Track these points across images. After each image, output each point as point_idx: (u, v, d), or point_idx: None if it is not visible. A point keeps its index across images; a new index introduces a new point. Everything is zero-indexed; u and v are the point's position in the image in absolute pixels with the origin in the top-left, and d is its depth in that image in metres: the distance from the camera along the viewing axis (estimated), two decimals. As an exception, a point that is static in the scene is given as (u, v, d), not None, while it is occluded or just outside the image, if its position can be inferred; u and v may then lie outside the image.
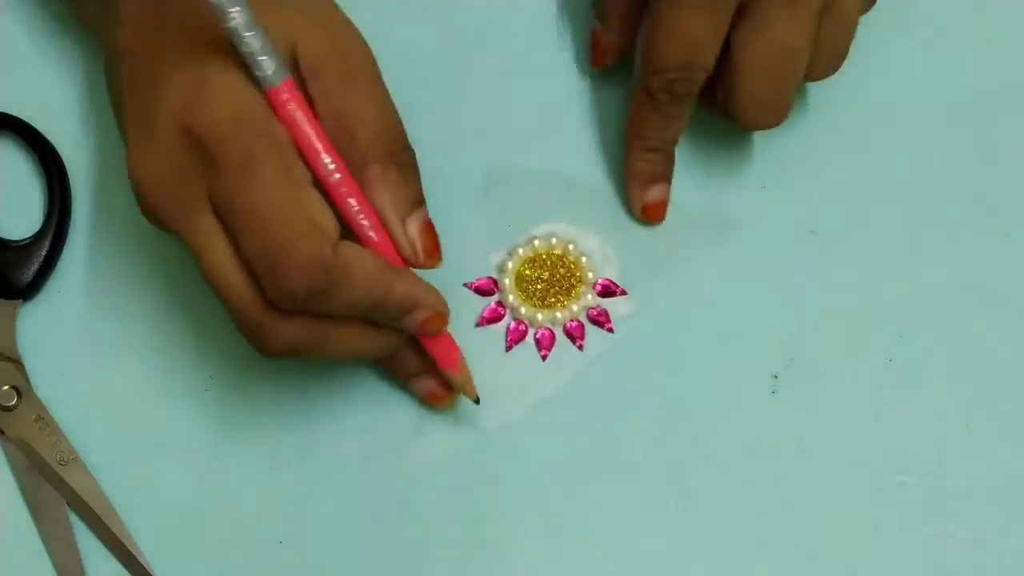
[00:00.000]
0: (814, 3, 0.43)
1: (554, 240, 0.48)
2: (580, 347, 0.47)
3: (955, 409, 0.47)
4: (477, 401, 0.44)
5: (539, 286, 0.47)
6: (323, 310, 0.38)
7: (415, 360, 0.44)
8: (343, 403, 0.46)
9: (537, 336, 0.47)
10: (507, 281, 0.47)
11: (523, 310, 0.47)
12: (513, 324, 0.47)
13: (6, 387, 0.45)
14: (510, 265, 0.47)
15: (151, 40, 0.39)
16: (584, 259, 0.48)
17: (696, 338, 0.47)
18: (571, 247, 0.48)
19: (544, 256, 0.48)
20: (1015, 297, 0.48)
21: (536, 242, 0.48)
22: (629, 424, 0.46)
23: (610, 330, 0.47)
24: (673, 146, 0.47)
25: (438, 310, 0.41)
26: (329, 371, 0.46)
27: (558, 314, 0.47)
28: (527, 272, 0.47)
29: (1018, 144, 0.50)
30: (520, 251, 0.48)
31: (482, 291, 0.48)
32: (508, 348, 0.47)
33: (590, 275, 0.48)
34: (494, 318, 0.47)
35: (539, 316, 0.47)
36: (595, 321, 0.47)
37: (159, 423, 0.46)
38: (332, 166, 0.38)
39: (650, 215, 0.48)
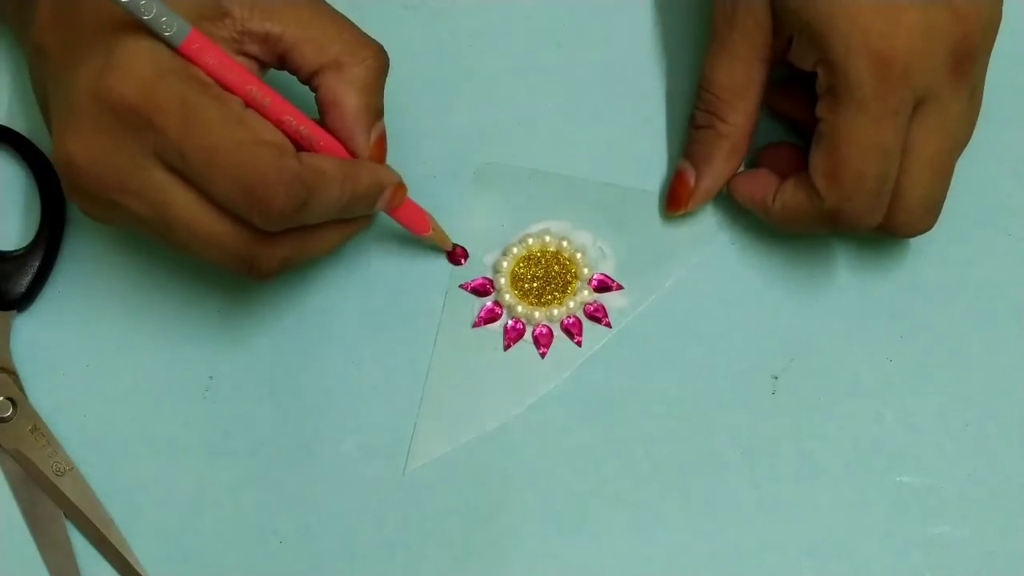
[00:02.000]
0: (969, 89, 0.41)
1: (548, 238, 0.48)
2: (578, 343, 0.47)
3: (955, 409, 0.47)
4: (453, 248, 0.47)
5: (535, 284, 0.47)
6: (308, 219, 0.39)
7: None
8: (343, 403, 0.46)
9: (535, 334, 0.47)
10: (503, 280, 0.47)
11: (520, 308, 0.47)
12: (511, 323, 0.47)
13: (1, 398, 0.45)
14: (505, 264, 0.47)
15: (65, 34, 0.39)
16: (579, 255, 0.48)
17: (696, 338, 0.47)
18: (565, 244, 0.48)
19: (539, 254, 0.48)
20: (1015, 297, 0.48)
21: (530, 240, 0.48)
22: (629, 424, 0.46)
23: (608, 325, 0.47)
24: None
25: (398, 183, 0.43)
26: (329, 371, 0.46)
27: (555, 311, 0.47)
28: (522, 271, 0.47)
29: (1019, 143, 0.50)
30: (514, 250, 0.48)
31: (478, 291, 0.47)
32: (507, 347, 0.47)
33: (585, 271, 0.48)
34: (491, 318, 0.47)
35: (536, 314, 0.47)
36: (592, 317, 0.47)
37: (157, 428, 0.46)
38: (260, 93, 0.39)
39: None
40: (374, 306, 0.47)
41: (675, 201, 0.47)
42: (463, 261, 0.48)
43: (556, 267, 0.47)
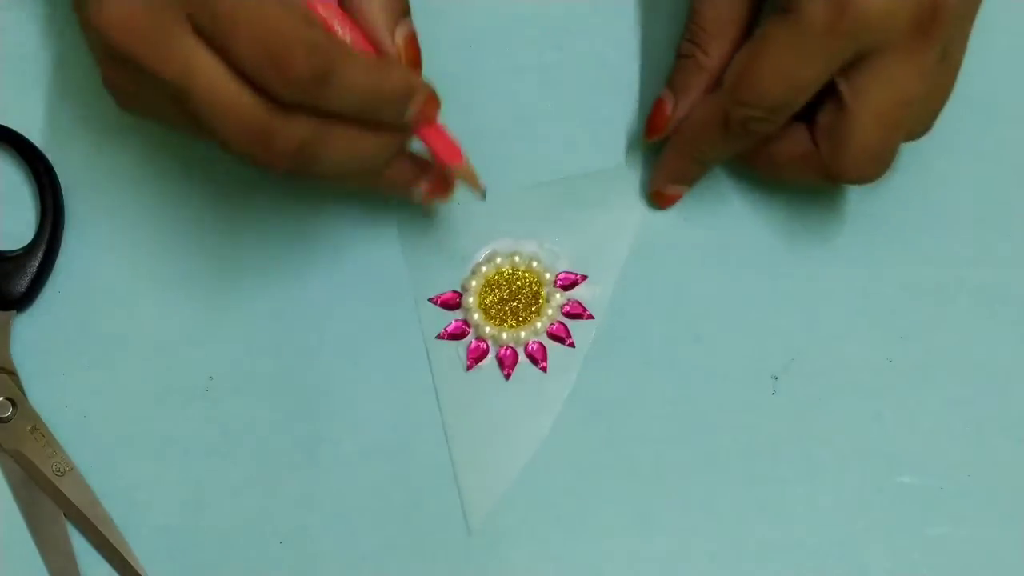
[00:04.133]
0: (936, 51, 0.41)
1: (498, 259, 0.47)
2: (543, 368, 0.47)
3: (955, 409, 0.47)
4: (484, 195, 0.44)
5: (506, 308, 0.47)
6: (328, 98, 0.38)
7: (410, 168, 0.44)
8: (343, 402, 0.46)
9: (499, 355, 0.47)
10: (471, 299, 0.47)
11: (487, 329, 0.47)
12: (474, 343, 0.47)
13: (1, 398, 0.45)
14: (473, 283, 0.47)
15: None
16: (535, 264, 0.47)
17: (696, 338, 0.47)
18: (517, 259, 0.47)
19: (496, 278, 0.47)
20: (1015, 297, 0.48)
21: (483, 268, 0.47)
22: (629, 424, 0.46)
23: (571, 345, 0.47)
24: (717, 164, 0.47)
25: (432, 93, 0.41)
26: (329, 371, 0.46)
27: (522, 333, 0.47)
28: (489, 299, 0.47)
29: (1019, 142, 0.50)
30: (483, 269, 0.47)
31: (448, 305, 0.47)
32: (468, 367, 0.47)
33: (548, 276, 0.47)
34: (459, 334, 0.47)
35: (503, 335, 0.47)
36: (555, 337, 0.47)
37: (157, 428, 0.46)
38: None
39: (660, 202, 0.48)
40: (374, 306, 0.47)
41: (653, 127, 0.47)
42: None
43: (518, 282, 0.47)
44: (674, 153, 0.47)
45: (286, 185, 0.48)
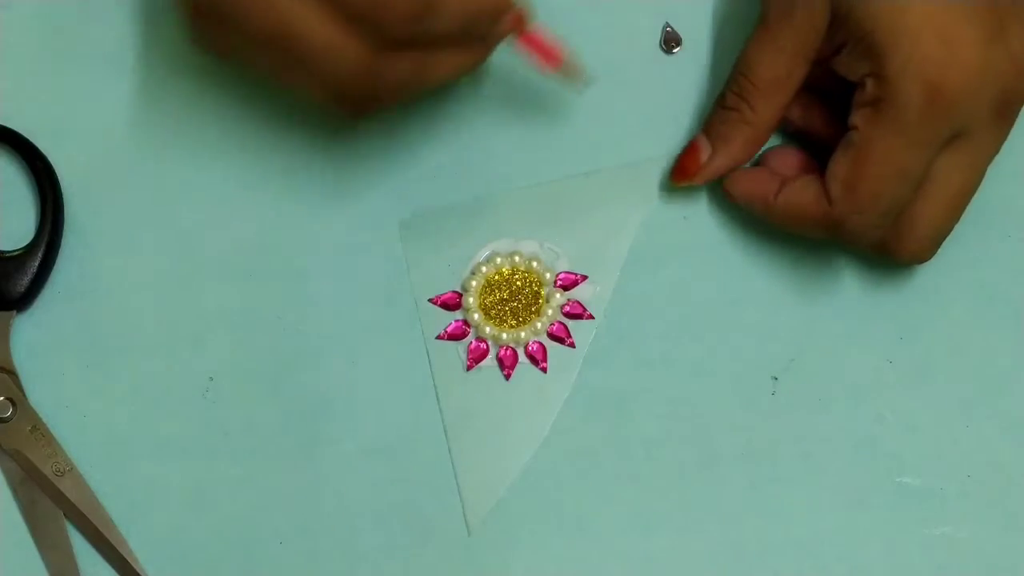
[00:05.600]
0: (1005, 135, 0.42)
1: (499, 259, 0.47)
2: (543, 369, 0.47)
3: (955, 409, 0.47)
4: (586, 83, 0.45)
5: (506, 308, 0.47)
6: (428, 30, 0.38)
7: None
8: (343, 402, 0.46)
9: (499, 355, 0.47)
10: (471, 299, 0.47)
11: (488, 330, 0.47)
12: (474, 343, 0.47)
13: (1, 398, 0.45)
14: (473, 283, 0.47)
15: None
16: (535, 264, 0.47)
17: (696, 338, 0.47)
18: (517, 259, 0.47)
19: (497, 277, 0.47)
20: (1015, 298, 0.48)
21: (484, 268, 0.47)
22: (629, 424, 0.46)
23: (571, 345, 0.47)
24: None
25: (521, 13, 0.42)
26: (329, 371, 0.46)
27: (522, 333, 0.47)
28: (489, 300, 0.47)
29: (1018, 143, 0.50)
30: (483, 269, 0.47)
31: (448, 305, 0.47)
32: (469, 367, 0.47)
33: (548, 276, 0.47)
34: (459, 334, 0.47)
35: (503, 336, 0.47)
36: (555, 337, 0.47)
37: (157, 428, 0.46)
38: None
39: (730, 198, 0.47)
40: (374, 306, 0.47)
41: (682, 172, 0.46)
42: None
43: (518, 282, 0.47)
44: (764, 211, 0.45)
45: (286, 184, 0.48)
